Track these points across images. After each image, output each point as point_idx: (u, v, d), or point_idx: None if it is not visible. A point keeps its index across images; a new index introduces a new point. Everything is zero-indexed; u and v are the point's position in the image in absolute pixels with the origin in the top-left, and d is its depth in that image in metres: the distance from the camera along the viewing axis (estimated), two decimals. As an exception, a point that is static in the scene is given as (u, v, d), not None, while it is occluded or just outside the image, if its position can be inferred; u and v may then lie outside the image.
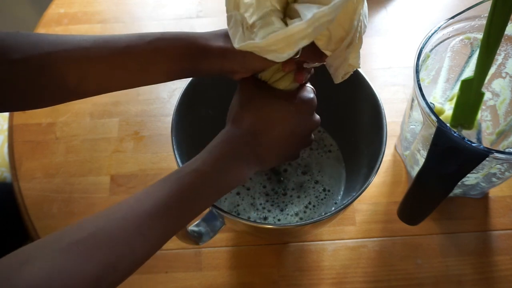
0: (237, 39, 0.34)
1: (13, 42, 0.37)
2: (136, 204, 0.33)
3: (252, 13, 0.34)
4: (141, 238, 0.32)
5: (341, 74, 0.39)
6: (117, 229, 0.31)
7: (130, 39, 0.39)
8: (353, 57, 0.38)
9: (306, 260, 0.56)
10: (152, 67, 0.39)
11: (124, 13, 0.80)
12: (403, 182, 0.61)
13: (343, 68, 0.39)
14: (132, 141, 0.66)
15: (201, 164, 0.37)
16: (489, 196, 0.59)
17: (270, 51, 0.33)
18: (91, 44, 0.38)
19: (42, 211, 0.60)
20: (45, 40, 0.37)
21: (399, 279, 0.54)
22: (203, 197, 0.37)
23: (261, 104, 0.40)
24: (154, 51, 0.39)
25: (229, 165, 0.38)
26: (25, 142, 0.67)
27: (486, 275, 0.54)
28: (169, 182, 0.35)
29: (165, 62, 0.39)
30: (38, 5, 1.23)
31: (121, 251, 0.31)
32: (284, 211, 0.56)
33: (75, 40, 0.38)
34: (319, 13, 0.31)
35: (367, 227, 0.58)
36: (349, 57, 0.37)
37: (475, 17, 0.49)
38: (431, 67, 0.53)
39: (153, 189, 0.35)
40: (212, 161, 0.37)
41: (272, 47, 0.33)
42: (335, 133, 0.61)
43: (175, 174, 0.36)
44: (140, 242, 0.32)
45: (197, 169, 0.36)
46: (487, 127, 0.56)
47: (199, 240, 0.47)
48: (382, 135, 0.46)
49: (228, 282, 0.55)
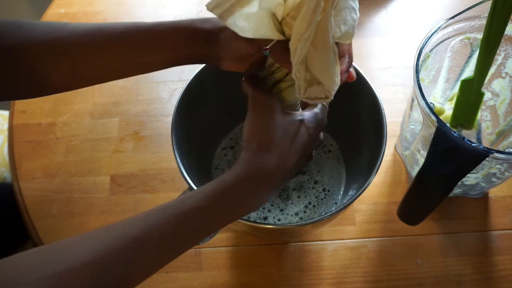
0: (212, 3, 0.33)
1: (5, 30, 0.36)
2: (128, 229, 0.32)
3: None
4: (134, 268, 0.31)
5: (302, 87, 0.34)
6: (110, 263, 0.30)
7: (125, 26, 0.38)
8: (316, 63, 0.32)
9: (306, 260, 0.56)
10: (147, 55, 0.39)
11: (124, 13, 0.80)
12: (403, 182, 0.61)
13: (302, 81, 0.34)
14: (132, 141, 0.66)
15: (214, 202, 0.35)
16: (489, 196, 0.59)
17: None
18: (85, 32, 0.37)
19: (42, 211, 0.60)
20: (37, 28, 0.37)
21: (399, 279, 0.54)
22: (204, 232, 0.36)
23: (281, 129, 0.37)
24: (149, 38, 0.38)
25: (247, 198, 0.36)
26: (25, 142, 0.67)
27: (486, 275, 0.54)
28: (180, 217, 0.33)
29: (161, 51, 0.39)
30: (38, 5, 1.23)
31: (114, 284, 0.30)
32: (284, 211, 0.56)
33: (68, 28, 0.37)
34: None
35: (367, 227, 0.58)
36: (308, 62, 0.33)
37: (475, 17, 0.49)
38: (431, 67, 0.53)
39: (156, 214, 0.33)
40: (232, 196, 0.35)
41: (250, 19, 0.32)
42: (335, 133, 0.60)
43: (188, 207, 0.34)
44: (133, 272, 0.31)
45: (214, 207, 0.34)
46: (487, 127, 0.56)
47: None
48: (382, 135, 0.46)
49: (228, 282, 0.55)
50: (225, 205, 0.35)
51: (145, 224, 0.32)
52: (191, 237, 0.35)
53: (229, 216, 0.36)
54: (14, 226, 0.64)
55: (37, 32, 0.36)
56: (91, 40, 0.37)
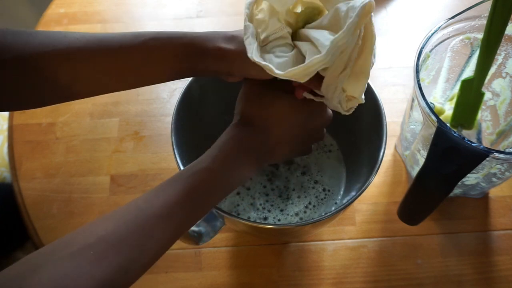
0: (253, 51, 0.35)
1: (3, 41, 0.36)
2: (145, 205, 0.33)
3: (264, 29, 0.36)
4: (151, 241, 0.32)
5: (336, 102, 0.37)
6: (127, 233, 0.31)
7: (125, 38, 0.38)
8: (351, 86, 0.36)
9: (306, 260, 0.56)
10: (147, 68, 0.39)
11: (124, 13, 0.80)
12: (403, 182, 0.61)
13: (337, 97, 0.37)
14: (132, 141, 0.66)
15: (211, 162, 0.36)
16: (489, 196, 0.59)
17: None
18: (84, 43, 0.37)
19: (42, 211, 0.60)
20: (36, 39, 0.36)
21: (399, 279, 0.54)
22: (213, 195, 0.36)
23: (271, 97, 0.39)
24: (148, 51, 0.38)
25: (239, 161, 0.37)
26: (25, 142, 0.67)
27: (486, 275, 0.54)
28: (178, 182, 0.35)
29: (160, 63, 0.38)
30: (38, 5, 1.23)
31: (131, 254, 0.30)
32: (284, 211, 0.56)
33: (67, 39, 0.37)
34: (336, 40, 0.31)
35: (367, 227, 0.58)
36: (343, 85, 0.36)
37: (475, 17, 0.49)
38: (431, 67, 0.53)
39: (162, 189, 0.34)
40: (222, 158, 0.37)
41: (290, 77, 0.34)
42: (335, 133, 0.60)
43: (184, 173, 0.35)
44: (150, 244, 0.32)
45: (207, 167, 0.36)
46: (487, 127, 0.56)
47: (199, 240, 0.47)
48: (382, 135, 0.46)
49: (228, 282, 0.55)
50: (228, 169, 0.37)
51: (158, 200, 0.33)
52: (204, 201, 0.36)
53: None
54: (14, 226, 0.64)
55: (36, 44, 0.36)
56: (90, 53, 0.37)
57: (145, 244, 0.31)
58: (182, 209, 0.34)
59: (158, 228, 0.32)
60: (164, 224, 0.33)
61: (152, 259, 0.32)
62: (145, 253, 0.31)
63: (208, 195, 0.36)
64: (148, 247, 0.31)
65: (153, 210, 0.32)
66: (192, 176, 0.35)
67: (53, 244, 0.30)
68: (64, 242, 0.30)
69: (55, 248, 0.29)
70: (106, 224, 0.31)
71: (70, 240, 0.30)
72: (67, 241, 0.30)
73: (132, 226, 0.31)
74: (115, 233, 0.30)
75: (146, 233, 0.31)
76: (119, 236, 0.30)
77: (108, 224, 0.31)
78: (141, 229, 0.31)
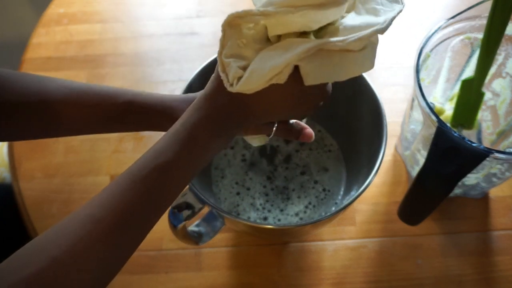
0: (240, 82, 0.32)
1: (6, 83, 0.39)
2: (99, 215, 0.30)
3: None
4: (115, 251, 0.31)
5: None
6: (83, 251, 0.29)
7: (104, 95, 0.41)
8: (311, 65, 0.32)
9: (306, 260, 0.56)
10: (120, 125, 0.43)
11: (124, 13, 0.80)
12: (403, 182, 0.61)
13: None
14: (132, 141, 0.66)
15: (177, 153, 0.33)
16: (489, 196, 0.59)
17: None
18: (70, 92, 0.41)
19: (41, 212, 0.60)
20: (42, 86, 0.40)
21: (399, 279, 0.54)
22: (176, 188, 0.34)
23: None
24: (123, 113, 0.42)
25: (213, 140, 0.34)
26: (24, 142, 0.66)
27: (486, 275, 0.54)
28: (137, 182, 0.32)
29: (133, 124, 0.43)
30: (37, 5, 1.23)
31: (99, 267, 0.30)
32: (284, 211, 0.56)
33: (53, 86, 0.40)
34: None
35: (367, 227, 0.58)
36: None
37: (475, 17, 0.49)
38: (432, 67, 0.53)
39: (119, 193, 0.31)
40: (191, 146, 0.33)
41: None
42: (335, 133, 0.60)
43: (143, 170, 0.33)
44: (114, 256, 0.31)
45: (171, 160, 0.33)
46: (488, 127, 0.56)
47: (199, 240, 0.47)
48: (382, 135, 0.46)
49: (228, 282, 0.55)
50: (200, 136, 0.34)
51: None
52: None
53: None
54: (14, 226, 0.63)
55: (41, 91, 0.40)
56: (73, 103, 0.41)
57: (108, 257, 0.31)
58: (141, 212, 0.32)
59: (120, 237, 0.31)
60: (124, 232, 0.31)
61: (123, 260, 0.32)
62: (110, 262, 0.31)
63: (168, 193, 0.34)
64: (112, 259, 0.31)
65: (106, 221, 0.30)
66: (150, 174, 0.32)
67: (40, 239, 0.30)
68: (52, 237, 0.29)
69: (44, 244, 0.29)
70: (59, 242, 0.29)
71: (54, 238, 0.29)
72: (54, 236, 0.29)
73: (88, 241, 0.29)
74: (68, 253, 0.29)
75: (105, 247, 0.30)
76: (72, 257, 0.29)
77: (61, 242, 0.29)
78: (100, 243, 0.30)
